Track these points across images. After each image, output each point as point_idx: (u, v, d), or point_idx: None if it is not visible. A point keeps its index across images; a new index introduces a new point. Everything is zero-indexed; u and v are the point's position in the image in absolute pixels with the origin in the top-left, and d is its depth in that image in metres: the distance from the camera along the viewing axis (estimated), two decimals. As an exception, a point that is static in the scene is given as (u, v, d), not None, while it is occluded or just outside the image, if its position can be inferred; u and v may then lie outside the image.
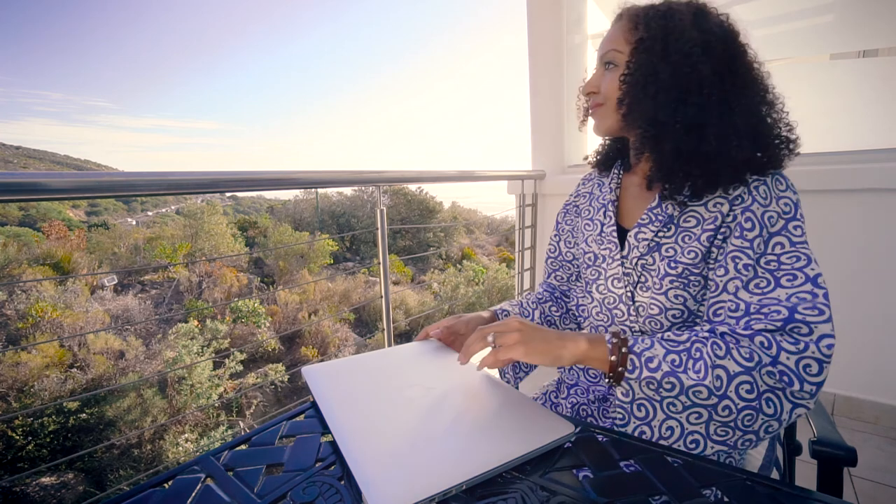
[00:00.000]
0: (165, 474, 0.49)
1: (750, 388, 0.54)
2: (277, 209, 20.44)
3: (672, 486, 0.44)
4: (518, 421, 0.54)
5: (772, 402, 0.54)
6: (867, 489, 1.44)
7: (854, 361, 1.83)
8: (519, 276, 2.62)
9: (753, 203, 0.61)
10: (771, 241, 0.60)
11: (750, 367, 0.54)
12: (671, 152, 0.65)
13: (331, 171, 1.53)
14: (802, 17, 2.08)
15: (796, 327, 0.54)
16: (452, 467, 0.45)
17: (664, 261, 0.68)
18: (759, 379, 0.54)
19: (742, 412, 0.54)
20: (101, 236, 13.94)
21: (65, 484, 6.33)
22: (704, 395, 0.55)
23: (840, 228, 1.80)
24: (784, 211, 0.61)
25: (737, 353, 0.55)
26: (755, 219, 0.60)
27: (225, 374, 8.33)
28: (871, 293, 1.78)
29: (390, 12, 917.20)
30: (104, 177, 0.99)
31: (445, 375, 0.66)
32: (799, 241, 0.59)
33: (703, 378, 0.54)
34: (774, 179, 0.62)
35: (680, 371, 0.55)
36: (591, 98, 0.76)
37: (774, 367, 0.53)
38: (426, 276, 15.46)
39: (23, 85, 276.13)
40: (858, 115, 2.04)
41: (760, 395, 0.53)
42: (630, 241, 0.73)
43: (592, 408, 0.79)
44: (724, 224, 0.64)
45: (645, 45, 0.66)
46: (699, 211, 0.66)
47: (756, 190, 0.62)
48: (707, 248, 0.65)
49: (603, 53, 0.73)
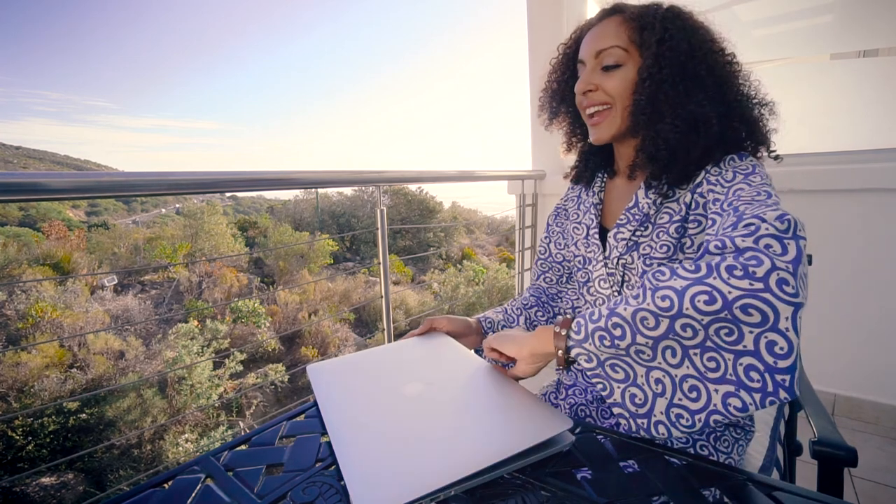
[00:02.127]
0: (165, 474, 0.49)
1: (709, 300, 0.45)
2: (277, 209, 20.45)
3: (672, 487, 0.44)
4: (515, 417, 0.54)
5: (751, 307, 0.43)
6: (868, 489, 1.44)
7: (854, 361, 1.83)
8: (519, 276, 2.62)
9: (712, 178, 0.65)
10: (732, 188, 0.61)
11: (701, 277, 0.46)
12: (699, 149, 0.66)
13: (331, 171, 1.53)
14: (802, 17, 2.08)
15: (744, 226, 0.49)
16: (444, 467, 0.45)
17: (641, 259, 0.70)
18: (723, 284, 0.45)
19: (710, 326, 0.46)
20: (101, 236, 13.94)
21: (65, 484, 6.33)
22: (651, 322, 0.48)
23: (840, 228, 1.80)
24: (742, 168, 0.63)
25: (682, 269, 0.48)
26: (717, 187, 0.63)
27: (225, 374, 8.33)
28: (872, 293, 1.78)
29: (390, 12, 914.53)
30: (104, 177, 0.99)
31: (447, 370, 0.66)
32: (757, 182, 0.60)
33: (643, 301, 0.48)
34: (730, 159, 0.65)
35: (620, 307, 0.50)
36: (586, 98, 0.72)
37: (738, 259, 0.45)
38: (426, 276, 15.46)
39: (22, 85, 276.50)
40: (858, 115, 2.04)
41: (730, 304, 0.44)
42: (610, 242, 0.75)
43: (591, 408, 0.79)
44: (690, 211, 0.67)
45: (670, 45, 0.66)
46: (671, 207, 0.69)
47: (709, 171, 0.66)
48: (677, 240, 0.68)
49: (599, 50, 0.70)
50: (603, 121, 0.72)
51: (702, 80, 0.66)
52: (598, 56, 0.70)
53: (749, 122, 0.69)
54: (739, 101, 0.68)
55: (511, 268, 13.94)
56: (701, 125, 0.65)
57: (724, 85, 0.67)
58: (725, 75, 0.68)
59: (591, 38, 0.72)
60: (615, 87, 0.69)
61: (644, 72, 0.67)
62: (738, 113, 0.68)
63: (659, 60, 0.66)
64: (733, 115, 0.67)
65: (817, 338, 1.83)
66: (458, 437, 0.50)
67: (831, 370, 1.87)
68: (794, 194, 1.84)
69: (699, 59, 0.66)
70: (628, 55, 0.69)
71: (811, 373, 0.95)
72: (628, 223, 0.72)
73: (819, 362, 1.76)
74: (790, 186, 1.82)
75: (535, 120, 2.65)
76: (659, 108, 0.67)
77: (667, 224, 0.69)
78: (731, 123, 0.67)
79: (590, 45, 0.72)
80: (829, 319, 1.85)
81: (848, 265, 1.81)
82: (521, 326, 0.90)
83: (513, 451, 0.47)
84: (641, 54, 0.68)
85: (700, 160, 0.67)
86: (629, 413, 0.54)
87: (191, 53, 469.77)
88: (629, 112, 0.70)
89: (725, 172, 0.64)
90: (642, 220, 0.71)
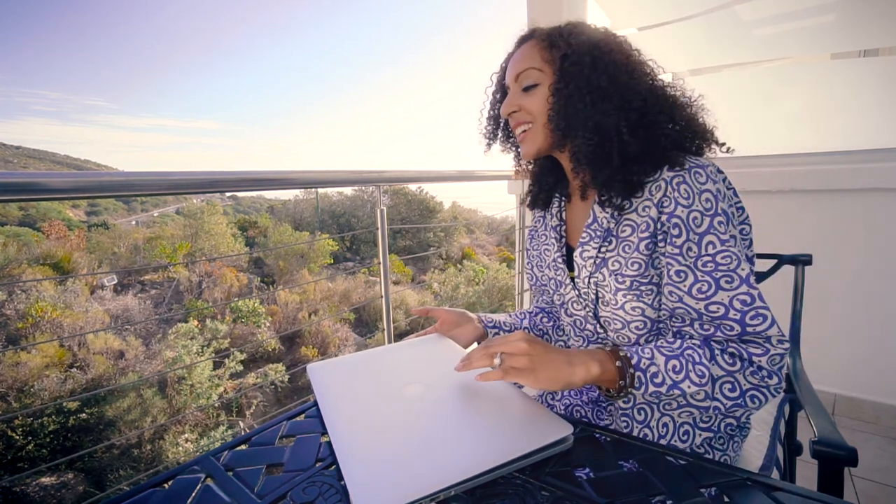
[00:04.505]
0: (165, 474, 0.49)
1: (732, 387, 0.60)
2: (277, 209, 20.44)
3: (672, 486, 0.44)
4: (515, 420, 0.54)
5: (756, 397, 0.60)
6: (868, 489, 1.44)
7: (855, 361, 1.83)
8: (519, 276, 2.62)
9: (677, 207, 0.63)
10: (703, 242, 0.62)
11: (733, 371, 0.60)
12: (618, 156, 0.67)
13: (331, 171, 1.53)
14: (802, 17, 2.07)
15: (753, 339, 0.60)
16: (444, 468, 0.45)
17: (612, 276, 0.70)
18: (743, 379, 0.60)
19: (730, 409, 0.60)
20: (101, 236, 13.94)
21: (65, 484, 6.33)
22: (701, 397, 0.60)
23: (840, 228, 1.80)
24: (706, 208, 0.62)
25: (721, 358, 0.60)
26: (681, 223, 0.63)
27: (225, 374, 8.33)
28: (872, 293, 1.78)
29: (390, 12, 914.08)
30: (104, 177, 0.99)
31: (448, 372, 0.66)
32: (725, 238, 0.61)
33: (704, 384, 0.59)
34: (693, 173, 0.64)
35: (680, 381, 0.59)
36: (512, 119, 0.76)
37: (752, 365, 0.60)
38: (426, 276, 15.47)
39: (21, 84, 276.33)
40: (858, 115, 2.04)
41: (744, 393, 0.60)
42: (577, 262, 0.75)
43: (586, 409, 0.79)
44: (659, 230, 0.66)
45: (573, 60, 0.68)
46: (632, 218, 0.68)
47: (677, 189, 0.64)
48: (648, 256, 0.67)
49: (518, 73, 0.74)
50: (526, 137, 0.76)
51: (604, 91, 0.67)
52: (518, 79, 0.74)
53: (680, 122, 0.70)
54: (654, 104, 0.68)
55: (511, 268, 13.95)
56: (613, 134, 0.66)
57: (629, 91, 0.67)
58: (628, 83, 0.68)
59: (511, 63, 0.76)
60: (533, 105, 0.73)
61: (552, 88, 0.70)
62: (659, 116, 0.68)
63: (564, 76, 0.69)
64: (648, 120, 0.67)
65: (817, 338, 1.83)
66: (458, 439, 0.50)
67: (831, 370, 1.87)
68: (795, 193, 1.84)
69: (600, 70, 0.67)
70: (543, 74, 0.72)
71: (811, 373, 0.95)
72: (591, 240, 0.73)
73: (819, 362, 1.76)
74: (791, 186, 1.82)
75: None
76: (571, 122, 0.69)
77: (631, 237, 0.68)
78: (659, 128, 0.68)
79: (511, 70, 0.76)
80: (829, 319, 1.85)
81: (848, 265, 1.81)
82: (527, 327, 0.92)
83: (512, 455, 0.47)
84: (553, 72, 0.71)
85: (637, 168, 0.66)
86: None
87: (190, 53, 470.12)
88: (549, 128, 0.72)
89: (691, 201, 0.63)
90: (604, 236, 0.71)
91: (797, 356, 0.98)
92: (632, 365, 0.60)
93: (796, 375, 0.91)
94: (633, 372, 0.60)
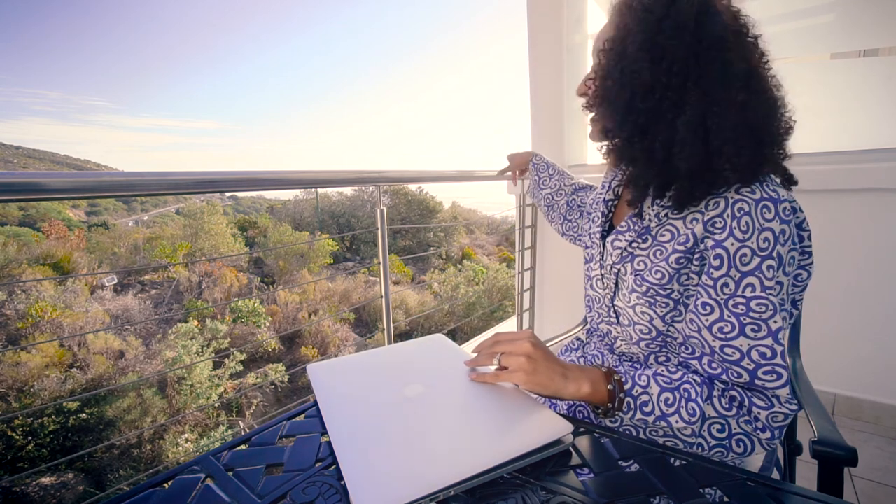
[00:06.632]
0: (165, 474, 0.49)
1: (721, 429, 0.57)
2: (277, 209, 20.46)
3: (672, 486, 0.44)
4: (515, 420, 0.54)
5: (743, 442, 0.58)
6: (868, 489, 1.44)
7: (855, 361, 1.83)
8: (519, 275, 2.62)
9: (728, 238, 0.55)
10: (743, 282, 0.55)
11: (727, 415, 0.57)
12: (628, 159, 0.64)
13: (331, 171, 1.52)
14: (802, 17, 2.07)
15: (760, 391, 0.57)
16: (444, 468, 0.45)
17: (633, 275, 0.66)
18: (735, 424, 0.57)
19: (714, 449, 0.58)
20: (101, 236, 13.96)
21: (65, 484, 6.33)
22: (688, 432, 0.59)
23: (840, 228, 1.80)
24: (761, 248, 0.54)
25: (718, 400, 0.58)
26: (725, 257, 0.55)
27: (225, 374, 8.34)
28: (871, 293, 1.78)
29: (391, 12, 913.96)
30: (104, 177, 0.99)
31: (448, 372, 0.66)
32: (769, 284, 0.54)
33: (693, 422, 0.57)
34: (762, 206, 0.54)
35: (669, 415, 0.58)
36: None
37: (749, 415, 0.57)
38: (426, 276, 15.47)
39: (21, 84, 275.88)
40: (858, 115, 2.04)
41: (731, 436, 0.57)
42: (608, 247, 0.71)
43: (588, 409, 0.79)
44: (697, 251, 0.59)
45: (608, 46, 0.63)
46: (676, 225, 0.62)
47: (737, 218, 0.55)
48: (676, 271, 0.61)
49: (596, 51, 0.68)
50: (590, 122, 0.71)
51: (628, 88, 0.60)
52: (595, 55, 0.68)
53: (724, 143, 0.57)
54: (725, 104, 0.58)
55: (511, 267, 13.94)
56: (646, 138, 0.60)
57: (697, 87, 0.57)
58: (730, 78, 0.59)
59: None
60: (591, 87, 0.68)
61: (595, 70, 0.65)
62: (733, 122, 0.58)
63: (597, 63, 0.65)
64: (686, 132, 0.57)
65: (818, 338, 1.83)
66: (459, 439, 0.50)
67: (831, 370, 1.87)
68: (795, 193, 1.84)
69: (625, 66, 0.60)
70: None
71: (811, 373, 0.95)
72: (628, 230, 0.68)
73: (819, 362, 1.76)
74: (790, 186, 1.82)
75: (535, 119, 2.65)
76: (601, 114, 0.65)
77: (667, 244, 0.62)
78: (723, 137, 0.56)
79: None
80: (829, 319, 1.85)
81: (849, 265, 1.81)
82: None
83: (513, 454, 0.47)
84: None
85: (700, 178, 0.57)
86: None
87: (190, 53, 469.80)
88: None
89: (748, 236, 0.54)
90: (641, 232, 0.66)
91: (797, 356, 0.98)
92: (623, 390, 0.59)
93: (796, 375, 0.91)
94: (622, 397, 0.59)
